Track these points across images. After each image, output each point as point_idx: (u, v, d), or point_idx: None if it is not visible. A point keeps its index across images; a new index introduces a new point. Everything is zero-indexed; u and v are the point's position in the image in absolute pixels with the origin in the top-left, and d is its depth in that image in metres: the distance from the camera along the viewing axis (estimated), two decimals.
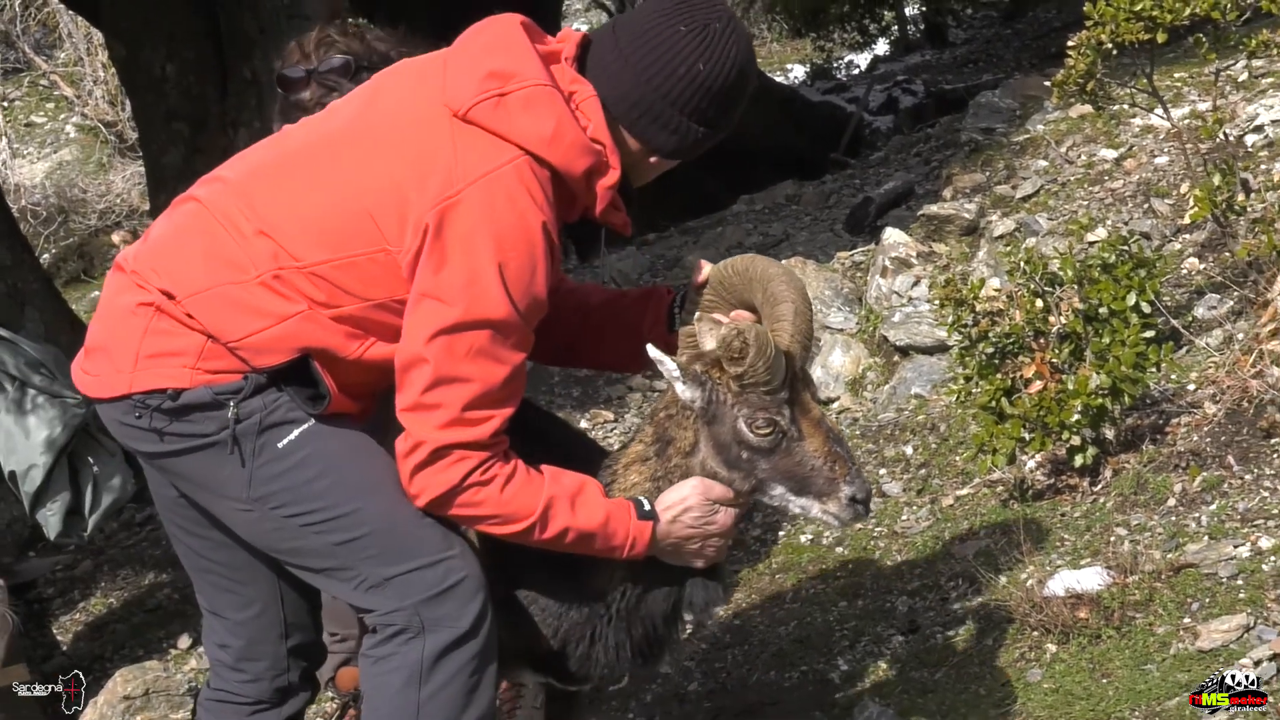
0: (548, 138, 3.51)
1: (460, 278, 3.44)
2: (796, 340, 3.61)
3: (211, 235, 3.61)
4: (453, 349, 3.45)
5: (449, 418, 3.47)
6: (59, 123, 24.13)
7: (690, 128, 3.70)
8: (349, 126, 3.70)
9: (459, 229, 3.45)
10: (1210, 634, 4.18)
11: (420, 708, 3.58)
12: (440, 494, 3.52)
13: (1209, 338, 5.65)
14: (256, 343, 3.55)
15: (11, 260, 9.49)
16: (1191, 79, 8.23)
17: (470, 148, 3.50)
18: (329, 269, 3.53)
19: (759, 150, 14.94)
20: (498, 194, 3.46)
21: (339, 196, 3.55)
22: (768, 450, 3.61)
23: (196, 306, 3.55)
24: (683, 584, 3.77)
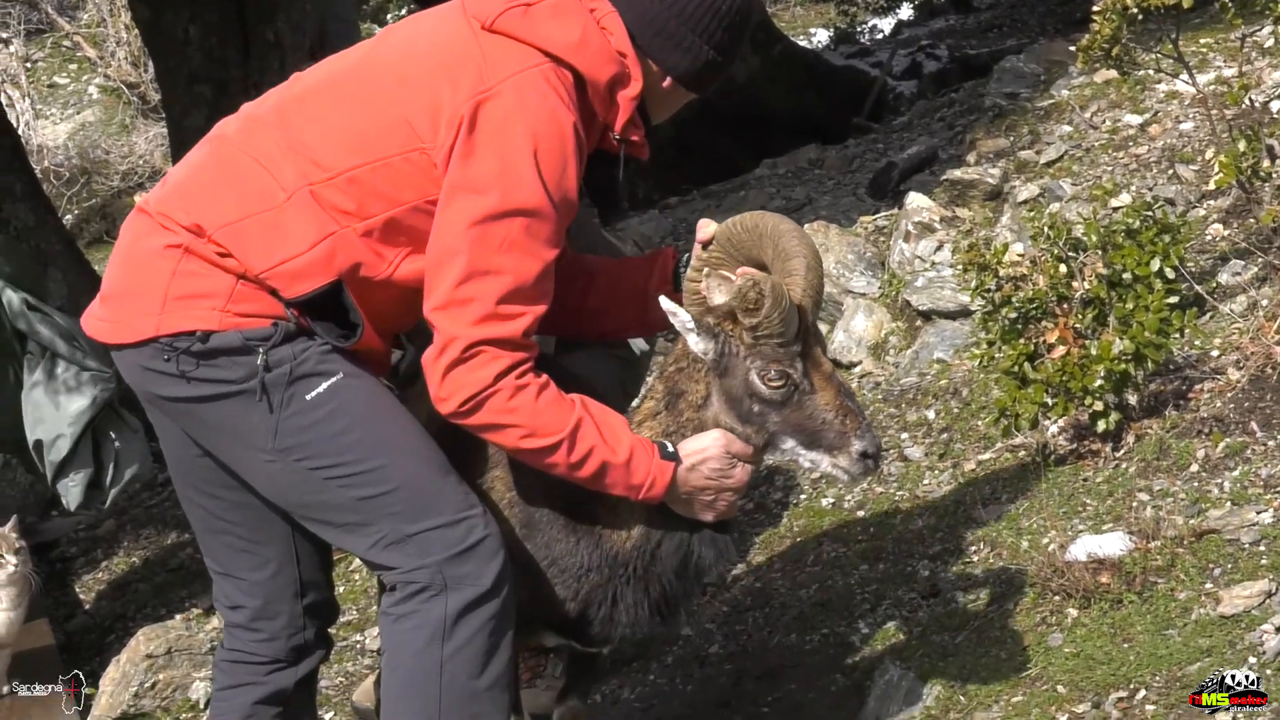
0: (575, 43, 3.59)
1: (494, 165, 3.48)
2: (808, 295, 3.64)
3: (238, 167, 3.65)
4: (487, 240, 3.48)
5: (483, 312, 3.48)
6: (81, 84, 24.11)
7: (702, 48, 3.76)
8: (372, 54, 3.77)
9: (493, 120, 3.49)
10: (1232, 599, 4.18)
11: (443, 665, 3.60)
12: (472, 394, 3.51)
13: (1233, 304, 5.64)
14: (289, 269, 3.56)
15: (35, 221, 9.51)
16: (1217, 44, 8.19)
17: (499, 52, 3.56)
18: (362, 172, 3.56)
19: (781, 115, 14.93)
20: (529, 90, 3.51)
21: (370, 109, 3.60)
22: (779, 403, 3.63)
23: (227, 238, 3.57)
24: (691, 538, 3.78)
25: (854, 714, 4.54)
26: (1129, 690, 4.07)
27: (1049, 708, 4.14)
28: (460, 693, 3.62)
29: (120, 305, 3.70)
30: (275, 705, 4.03)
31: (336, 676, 5.85)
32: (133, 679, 6.14)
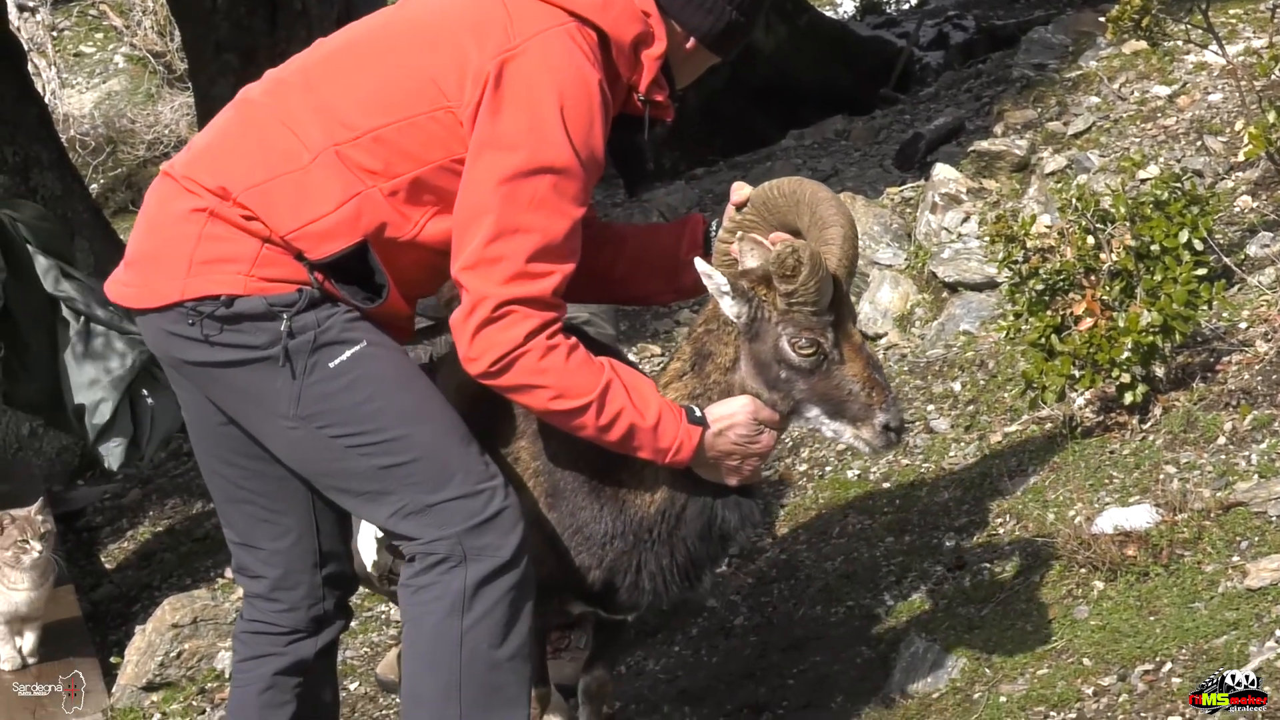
0: (599, 3, 3.61)
1: (522, 122, 3.49)
2: (843, 265, 3.66)
3: (263, 129, 3.66)
4: (515, 197, 3.49)
5: (512, 270, 3.49)
6: (108, 53, 24.12)
7: (724, 9, 3.76)
8: (398, 16, 3.80)
9: (520, 76, 3.50)
10: (1259, 572, 4.18)
11: (463, 636, 3.61)
12: (502, 354, 3.52)
13: (1261, 275, 5.62)
14: (316, 230, 3.58)
15: (61, 190, 9.54)
16: (1247, 15, 8.15)
17: (525, 11, 3.57)
18: (388, 131, 3.57)
19: (808, 86, 14.89)
20: (555, 47, 3.53)
21: (396, 68, 3.62)
22: (808, 371, 3.66)
23: (253, 199, 3.58)
24: (715, 503, 3.81)
25: (879, 686, 4.54)
26: (1155, 663, 4.07)
27: (1075, 680, 4.14)
28: (481, 663, 3.63)
29: (145, 270, 3.72)
30: (296, 675, 4.04)
31: (361, 647, 5.87)
32: (158, 648, 6.16)
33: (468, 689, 3.64)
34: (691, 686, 4.91)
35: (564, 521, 3.88)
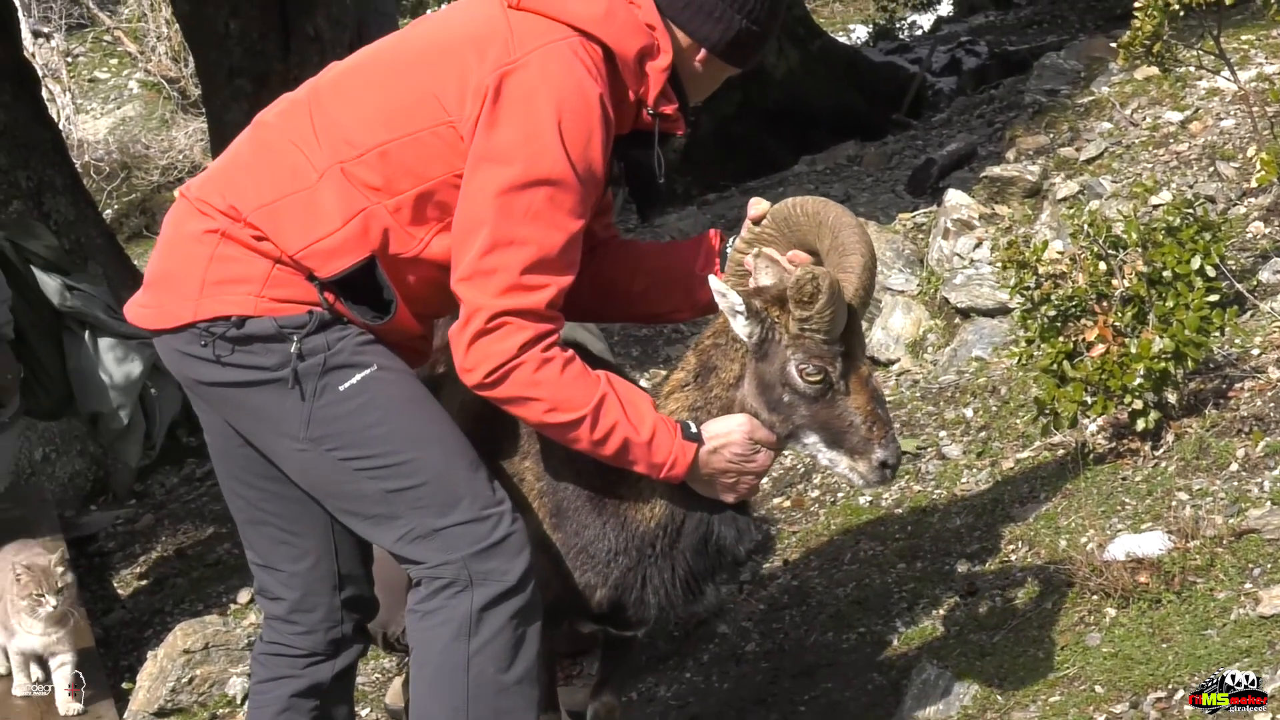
0: (600, 16, 3.60)
1: (518, 134, 3.50)
2: (859, 295, 3.64)
3: (273, 150, 3.69)
4: (510, 210, 3.49)
5: (507, 282, 3.50)
6: (122, 79, 24.23)
7: (734, 17, 3.74)
8: (405, 37, 3.82)
9: (518, 90, 3.51)
10: (1272, 599, 4.17)
11: (470, 660, 3.62)
12: (496, 366, 3.53)
13: (1274, 302, 5.62)
14: (324, 247, 3.59)
15: (75, 215, 9.57)
16: (1259, 41, 8.16)
17: (526, 26, 3.58)
18: (391, 147, 3.59)
19: (820, 111, 14.93)
20: (554, 61, 3.53)
21: (400, 85, 3.64)
22: (812, 398, 3.65)
23: (263, 219, 3.60)
24: (712, 519, 3.82)
25: (890, 713, 4.54)
26: (1167, 690, 4.06)
27: (1086, 708, 4.13)
28: (488, 687, 3.65)
29: (160, 291, 3.75)
30: (312, 699, 4.04)
31: (373, 673, 5.87)
32: (170, 674, 6.17)
33: (475, 713, 3.65)
34: (703, 713, 4.91)
35: (569, 541, 3.90)
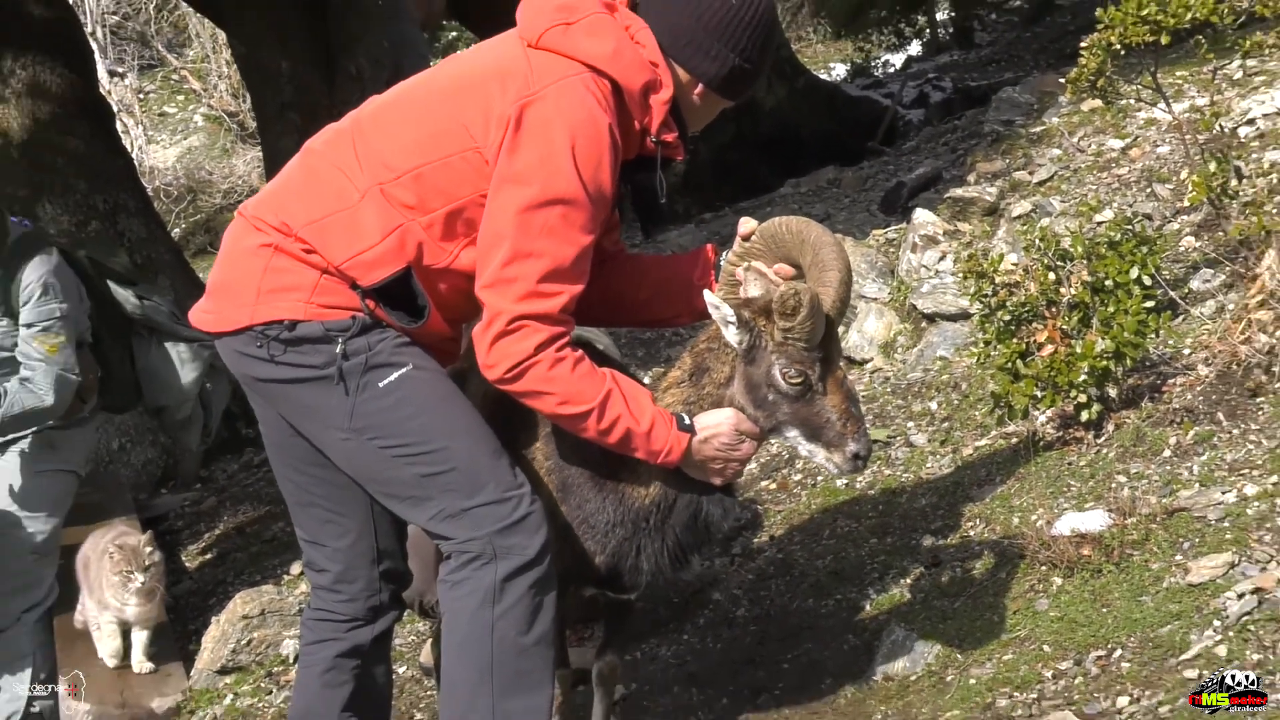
0: (609, 55, 3.63)
1: (536, 158, 3.52)
2: (836, 306, 3.68)
3: (320, 173, 3.72)
4: (529, 226, 3.52)
5: (525, 290, 3.53)
6: (188, 113, 24.27)
7: (728, 56, 3.76)
8: (436, 73, 3.84)
9: (537, 119, 3.54)
10: (1199, 570, 4.17)
11: (494, 625, 3.64)
12: (515, 363, 3.57)
13: (1203, 307, 5.62)
14: (365, 259, 3.63)
15: (146, 234, 9.59)
16: (1191, 77, 8.16)
17: (544, 63, 3.61)
18: (425, 170, 3.62)
19: (804, 139, 14.92)
20: (569, 94, 3.55)
21: (432, 115, 3.66)
22: (793, 397, 3.69)
23: (311, 234, 3.65)
24: (701, 499, 3.86)
25: (864, 670, 4.54)
26: (1107, 650, 4.06)
27: (1036, 665, 4.14)
28: (509, 649, 3.67)
29: (220, 299, 3.78)
30: (354, 659, 4.07)
31: (409, 635, 5.88)
32: (231, 637, 6.18)
33: (499, 672, 3.67)
34: (699, 670, 4.91)
35: (573, 514, 3.94)
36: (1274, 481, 4.43)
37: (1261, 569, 4.07)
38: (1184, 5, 5.62)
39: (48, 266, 5.99)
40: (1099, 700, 3.87)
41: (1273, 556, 4.10)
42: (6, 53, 9.54)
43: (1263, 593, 3.95)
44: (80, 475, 6.52)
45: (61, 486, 6.35)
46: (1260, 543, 4.19)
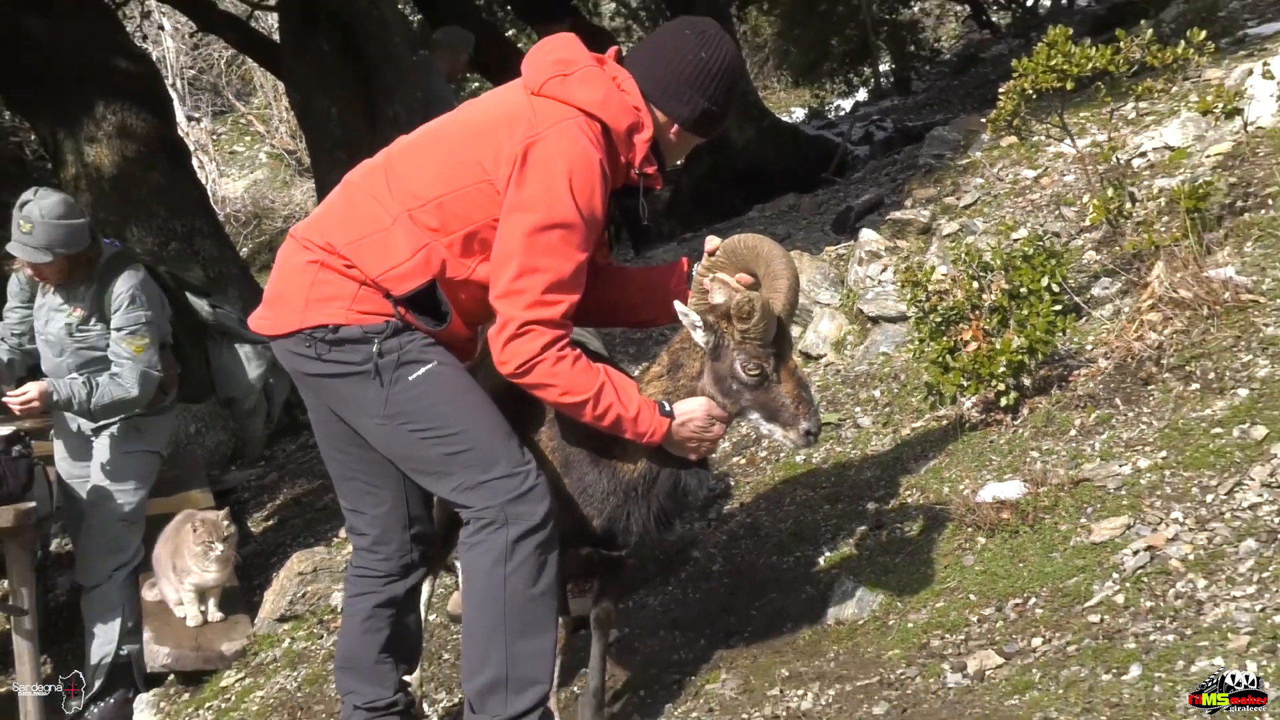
0: (599, 101, 3.65)
1: (540, 189, 3.54)
2: (786, 309, 3.75)
3: (357, 201, 3.76)
4: (534, 246, 3.54)
5: (532, 299, 3.56)
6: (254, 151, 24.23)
7: (699, 101, 3.78)
8: (454, 117, 3.85)
9: (539, 157, 3.57)
10: (1101, 530, 4.16)
11: (505, 580, 3.66)
12: (524, 361, 3.59)
13: (1102, 310, 5.60)
14: (397, 273, 3.66)
15: (218, 253, 9.58)
16: (1093, 117, 8.13)
17: (545, 108, 3.64)
18: (446, 198, 3.64)
19: (769, 172, 14.90)
20: (566, 134, 3.58)
21: (453, 153, 3.69)
22: (753, 386, 3.75)
23: (351, 252, 3.67)
24: (680, 472, 3.90)
25: (819, 616, 4.52)
26: (1023, 598, 4.05)
27: (964, 611, 4.13)
28: (519, 600, 3.68)
29: (275, 307, 3.81)
30: (389, 609, 4.12)
31: (438, 588, 5.85)
32: (288, 590, 6.17)
33: (510, 620, 3.69)
34: (681, 617, 4.89)
35: (574, 485, 3.96)
36: (1163, 456, 4.42)
37: (1153, 530, 4.06)
38: (1085, 56, 5.62)
39: (135, 280, 6.03)
40: (1017, 641, 3.86)
41: (1162, 519, 4.09)
42: (99, 101, 9.51)
43: (1154, 550, 3.95)
44: (163, 455, 6.55)
45: (147, 464, 6.40)
46: (1151, 508, 4.17)
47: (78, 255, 5.96)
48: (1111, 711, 3.30)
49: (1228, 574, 3.71)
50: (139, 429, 6.32)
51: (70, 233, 5.89)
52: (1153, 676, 3.38)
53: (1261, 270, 5.14)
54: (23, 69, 9.56)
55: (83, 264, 6.02)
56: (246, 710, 5.39)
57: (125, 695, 6.22)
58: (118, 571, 6.27)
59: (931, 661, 3.93)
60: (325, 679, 5.31)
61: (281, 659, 5.79)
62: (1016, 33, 19.40)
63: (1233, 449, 4.27)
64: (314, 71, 9.76)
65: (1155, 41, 5.64)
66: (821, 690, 3.96)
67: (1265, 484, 4.02)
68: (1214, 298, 4.99)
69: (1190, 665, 3.36)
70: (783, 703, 3.97)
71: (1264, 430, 4.27)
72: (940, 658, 3.93)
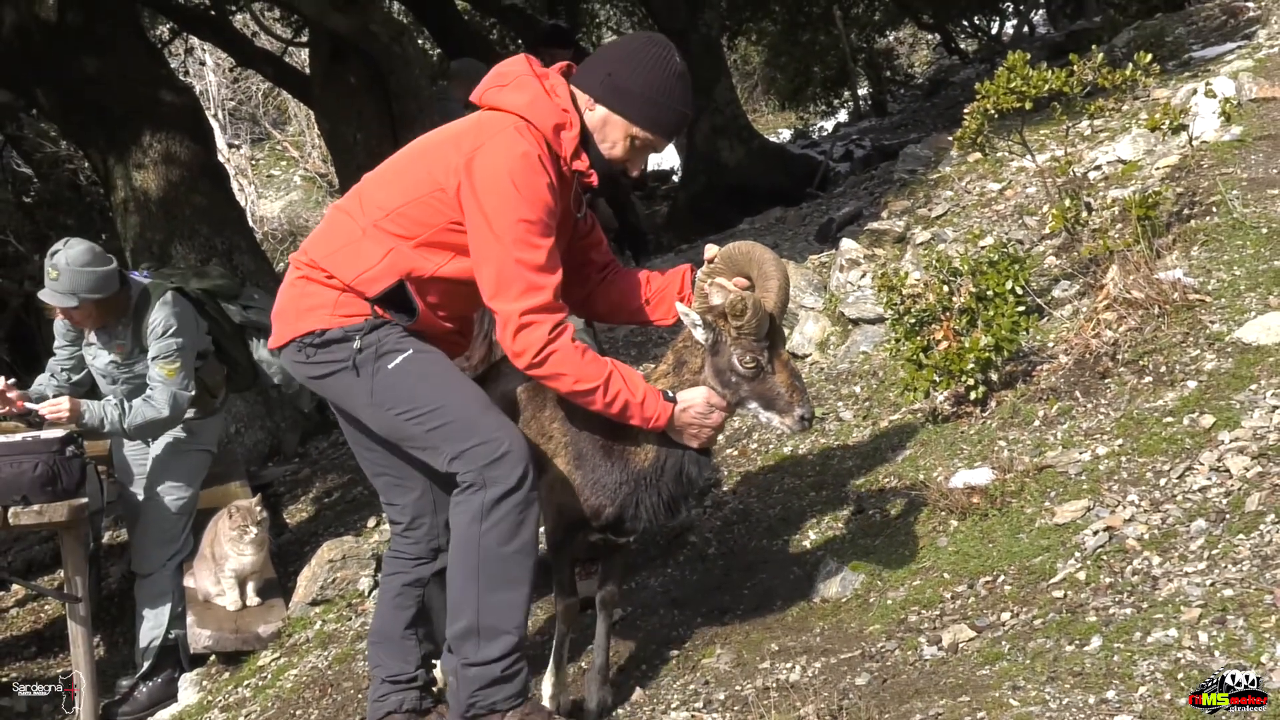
0: (526, 103, 3.70)
1: (490, 193, 3.59)
2: (778, 306, 3.76)
3: (335, 221, 3.85)
4: (502, 244, 3.57)
5: (519, 289, 3.58)
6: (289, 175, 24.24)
7: (643, 95, 3.75)
8: (414, 144, 3.92)
9: (482, 165, 3.61)
10: (1063, 513, 4.13)
11: (481, 537, 3.66)
12: (537, 350, 3.60)
13: (1062, 311, 5.58)
14: (368, 276, 3.71)
15: (255, 267, 9.56)
16: (1051, 134, 8.09)
17: (487, 122, 3.71)
18: (407, 207, 3.70)
19: (759, 187, 14.91)
20: (502, 141, 3.63)
21: (412, 168, 3.77)
22: (749, 378, 3.75)
23: (329, 263, 3.75)
24: (684, 460, 3.87)
25: (806, 594, 4.49)
26: (993, 576, 4.02)
27: (938, 588, 4.10)
28: (493, 555, 3.67)
29: (276, 322, 3.90)
30: (417, 588, 4.17)
31: None
32: (319, 576, 6.14)
33: (484, 572, 3.69)
34: (679, 596, 4.86)
35: (587, 476, 3.94)
36: (1120, 444, 4.39)
37: (1111, 511, 4.02)
38: (1042, 79, 5.59)
39: (166, 310, 6.05)
40: (987, 615, 3.83)
41: (1120, 502, 4.06)
42: (147, 130, 9.49)
43: (1112, 530, 3.92)
44: (214, 453, 6.58)
45: (199, 462, 6.46)
46: (1110, 491, 4.14)
47: (106, 301, 5.94)
48: (1074, 679, 3.26)
49: (1180, 551, 3.68)
50: (192, 430, 6.36)
51: (96, 279, 5.86)
52: (1112, 647, 3.34)
53: (1207, 272, 5.11)
54: (79, 102, 9.56)
55: (114, 308, 6.03)
56: (281, 687, 5.36)
57: (171, 675, 6.20)
58: (170, 561, 6.27)
59: (909, 635, 3.89)
60: (354, 658, 5.28)
61: (314, 640, 5.76)
62: (983, 58, 19.38)
63: (1183, 436, 4.24)
64: (342, 102, 9.74)
65: (1106, 64, 5.63)
66: (809, 663, 3.93)
67: (1213, 468, 3.99)
68: (1164, 298, 4.96)
69: (1147, 636, 3.33)
70: (773, 674, 3.93)
71: (1211, 419, 4.24)
72: (917, 632, 3.89)
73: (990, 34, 20.81)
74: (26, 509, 5.77)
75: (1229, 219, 5.43)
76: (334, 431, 9.58)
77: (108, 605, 7.50)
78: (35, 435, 5.92)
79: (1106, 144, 7.39)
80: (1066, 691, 3.23)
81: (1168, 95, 7.37)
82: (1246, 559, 3.50)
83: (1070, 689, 3.23)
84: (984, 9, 20.65)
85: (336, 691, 5.06)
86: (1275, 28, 9.06)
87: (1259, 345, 4.52)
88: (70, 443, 5.92)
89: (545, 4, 17.06)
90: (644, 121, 3.78)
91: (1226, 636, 3.21)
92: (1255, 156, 6.14)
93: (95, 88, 9.41)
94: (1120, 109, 7.77)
